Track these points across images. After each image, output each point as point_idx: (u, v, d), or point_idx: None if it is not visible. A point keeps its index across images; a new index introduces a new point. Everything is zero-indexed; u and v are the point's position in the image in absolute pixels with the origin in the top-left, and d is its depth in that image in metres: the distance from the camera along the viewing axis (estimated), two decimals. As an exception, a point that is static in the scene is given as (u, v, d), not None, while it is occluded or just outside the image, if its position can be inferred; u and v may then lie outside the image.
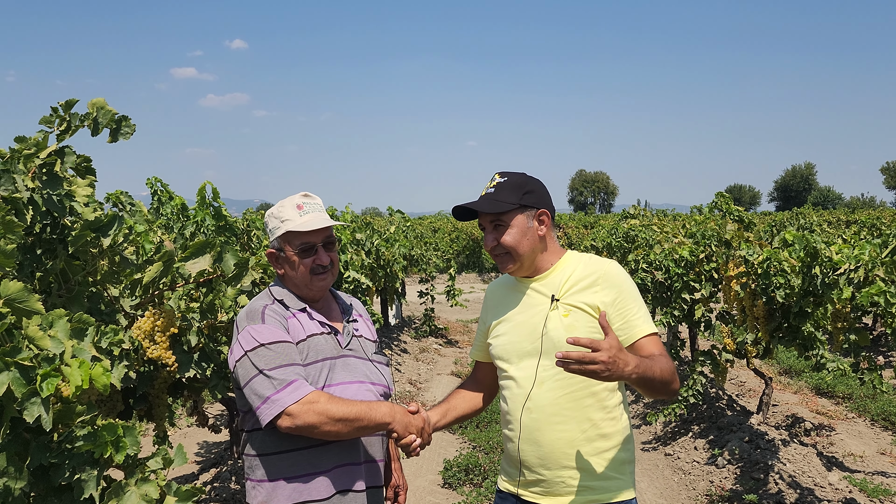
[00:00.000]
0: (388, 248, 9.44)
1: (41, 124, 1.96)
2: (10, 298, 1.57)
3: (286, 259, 2.25)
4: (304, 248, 2.22)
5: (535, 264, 2.32)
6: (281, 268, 2.29)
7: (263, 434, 2.14)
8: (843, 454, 5.96)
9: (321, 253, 2.25)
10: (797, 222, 19.27)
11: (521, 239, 2.25)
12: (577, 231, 25.61)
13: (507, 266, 2.31)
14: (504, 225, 2.26)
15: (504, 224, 2.26)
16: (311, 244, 2.23)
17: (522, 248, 2.26)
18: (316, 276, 2.24)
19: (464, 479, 5.56)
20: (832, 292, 3.96)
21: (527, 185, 2.28)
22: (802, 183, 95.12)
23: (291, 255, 2.23)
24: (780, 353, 9.23)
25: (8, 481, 1.57)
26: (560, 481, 2.22)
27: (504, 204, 2.24)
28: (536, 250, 2.29)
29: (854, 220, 21.04)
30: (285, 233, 2.23)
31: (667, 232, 7.67)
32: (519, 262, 2.29)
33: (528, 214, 2.27)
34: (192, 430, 6.96)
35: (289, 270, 2.26)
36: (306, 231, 2.21)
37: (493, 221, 2.28)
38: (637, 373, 1.98)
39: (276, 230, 2.25)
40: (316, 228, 2.22)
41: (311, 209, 2.26)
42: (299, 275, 2.24)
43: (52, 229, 2.08)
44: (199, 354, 2.68)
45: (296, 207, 2.24)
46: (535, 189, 2.30)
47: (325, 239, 2.27)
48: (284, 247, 2.25)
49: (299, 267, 2.23)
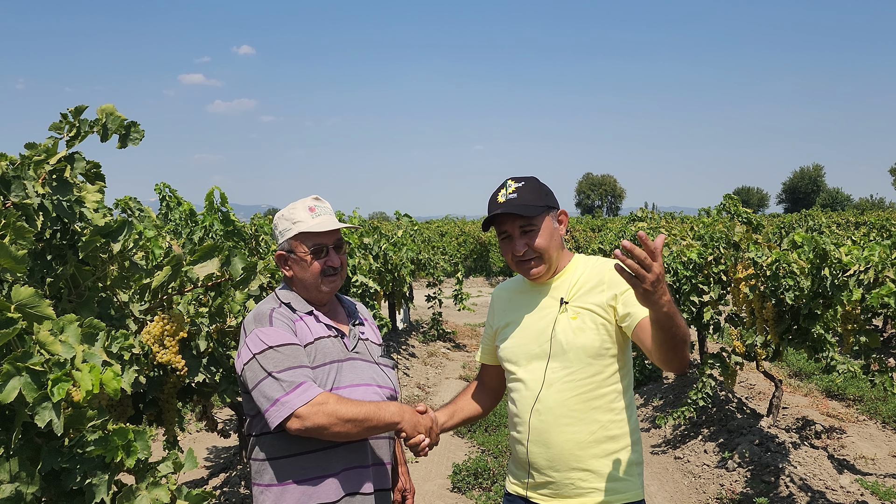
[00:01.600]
0: (396, 252, 9.45)
1: (51, 130, 1.97)
2: (22, 304, 1.58)
3: (296, 260, 2.26)
4: (317, 248, 2.23)
5: (556, 265, 2.32)
6: (290, 270, 2.29)
7: (272, 437, 2.14)
8: (854, 457, 5.92)
9: (332, 254, 2.26)
10: (806, 224, 19.20)
11: (550, 241, 2.26)
12: (584, 234, 25.57)
13: (536, 270, 2.27)
14: (535, 229, 2.25)
15: (535, 228, 2.25)
16: (323, 245, 2.24)
17: (552, 249, 2.27)
18: (326, 277, 2.25)
19: (473, 483, 5.55)
20: (842, 294, 3.95)
21: (543, 187, 2.31)
22: (811, 185, 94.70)
23: (303, 256, 2.24)
24: (789, 356, 9.19)
25: (20, 486, 1.58)
26: (569, 483, 2.22)
27: (535, 208, 2.24)
28: (559, 251, 2.30)
29: (863, 221, 20.93)
30: (298, 234, 2.23)
31: (675, 234, 7.65)
32: (548, 264, 2.28)
33: (552, 216, 2.29)
34: (201, 435, 6.98)
35: (298, 272, 2.26)
36: (319, 232, 2.22)
37: (522, 227, 2.25)
38: (669, 308, 1.88)
39: (286, 232, 2.26)
40: (329, 230, 2.23)
41: (323, 212, 2.28)
42: (309, 275, 2.24)
43: (62, 235, 2.09)
44: (208, 359, 2.68)
45: (308, 210, 2.26)
46: (550, 191, 2.33)
47: (336, 241, 2.28)
48: (296, 248, 2.25)
49: (310, 267, 2.23)
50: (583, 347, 2.19)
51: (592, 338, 2.20)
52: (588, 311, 2.21)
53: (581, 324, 2.20)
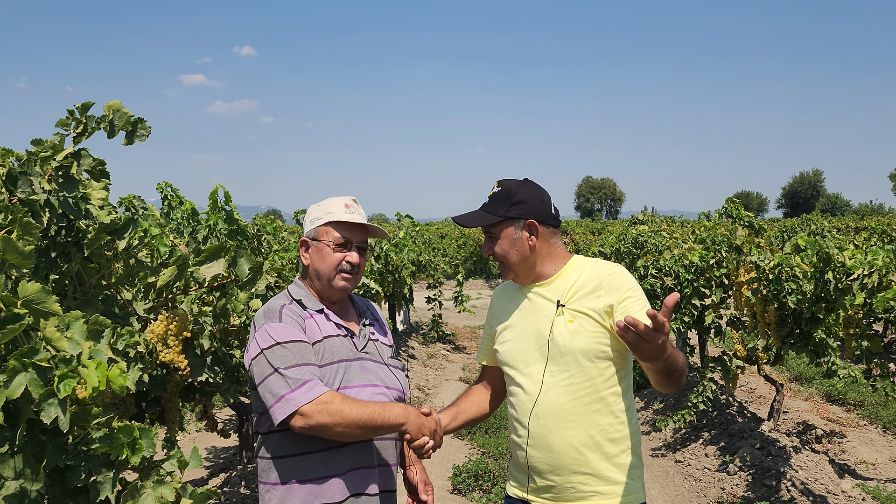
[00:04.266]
0: (397, 253, 9.44)
1: (57, 127, 1.96)
2: (28, 300, 1.57)
3: (318, 248, 2.27)
4: (342, 242, 2.25)
5: (536, 272, 2.32)
6: (308, 258, 2.30)
7: (279, 436, 2.14)
8: (855, 461, 5.91)
9: (354, 252, 2.27)
10: (808, 228, 19.20)
11: (510, 249, 2.28)
12: (584, 237, 25.57)
13: (504, 274, 2.35)
14: (495, 236, 2.30)
15: (494, 235, 2.30)
16: (348, 240, 2.26)
17: (512, 257, 2.29)
18: (342, 273, 2.25)
19: (473, 486, 5.54)
20: (845, 298, 3.94)
21: (517, 194, 2.28)
22: (810, 189, 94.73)
23: (326, 244, 2.25)
24: (790, 360, 9.19)
25: (24, 483, 1.57)
26: (570, 487, 2.21)
27: (490, 217, 2.28)
28: (529, 259, 2.29)
29: (863, 226, 20.93)
30: (328, 222, 2.26)
31: (676, 238, 7.65)
32: (513, 272, 2.33)
33: (516, 226, 2.27)
34: (200, 435, 6.96)
35: (316, 261, 2.27)
36: (348, 223, 2.25)
37: (486, 232, 2.33)
38: (668, 358, 1.94)
39: (317, 220, 2.28)
40: (358, 223, 2.26)
41: (356, 212, 2.31)
42: (326, 266, 2.25)
43: (67, 232, 2.08)
44: (211, 358, 2.68)
45: (343, 206, 2.28)
46: (526, 199, 2.28)
47: (361, 242, 2.30)
48: (321, 235, 2.27)
49: (329, 257, 2.24)
50: (580, 351, 2.18)
51: (590, 341, 2.19)
52: (585, 315, 2.20)
53: (578, 327, 2.20)
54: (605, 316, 2.20)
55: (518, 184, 2.32)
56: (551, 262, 2.32)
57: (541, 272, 2.31)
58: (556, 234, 2.34)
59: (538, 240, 2.28)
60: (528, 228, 2.28)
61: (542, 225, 2.29)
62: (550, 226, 2.32)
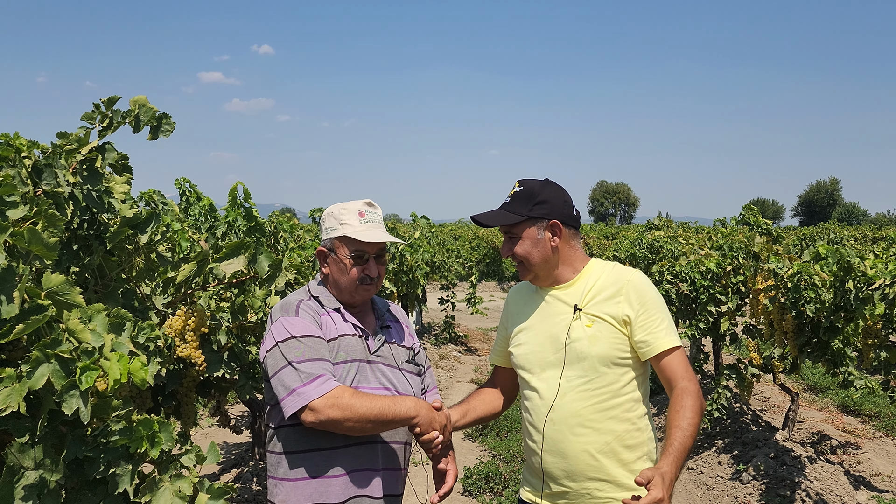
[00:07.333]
0: (412, 253, 9.44)
1: (83, 120, 1.97)
2: (52, 291, 1.58)
3: (336, 261, 2.24)
4: (357, 255, 2.21)
5: (555, 274, 2.29)
6: (327, 267, 2.28)
7: (288, 431, 2.14)
8: (870, 473, 5.84)
9: (371, 264, 2.24)
10: (826, 237, 19.03)
11: (532, 250, 2.25)
12: (598, 242, 25.48)
13: (522, 275, 2.33)
14: (516, 236, 2.27)
15: (516, 236, 2.27)
16: (364, 252, 2.22)
17: (534, 258, 2.26)
18: (362, 285, 2.23)
19: (484, 488, 5.52)
20: (865, 307, 3.90)
21: (540, 194, 2.25)
22: (827, 198, 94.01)
23: (343, 258, 2.22)
24: (805, 370, 9.10)
25: (44, 473, 1.58)
26: (586, 493, 2.20)
27: (513, 216, 2.25)
28: (550, 261, 2.27)
29: (881, 236, 20.73)
30: (341, 236, 2.22)
31: (692, 244, 7.60)
32: (533, 273, 2.29)
33: (539, 226, 2.24)
34: (213, 431, 6.99)
35: (335, 273, 2.25)
36: (362, 241, 2.20)
37: (506, 232, 2.29)
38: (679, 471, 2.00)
39: (331, 230, 2.24)
40: (372, 241, 2.21)
41: (372, 219, 2.25)
42: (346, 280, 2.22)
43: (89, 225, 2.09)
44: (227, 354, 2.68)
45: (357, 214, 2.23)
46: (549, 199, 2.26)
47: (379, 251, 2.26)
48: (337, 248, 2.24)
49: (349, 272, 2.21)
50: (598, 356, 2.17)
51: (608, 346, 2.17)
52: (603, 320, 2.18)
53: (596, 332, 2.17)
54: (623, 324, 2.18)
55: (540, 184, 2.29)
56: (571, 265, 2.29)
57: (560, 274, 2.29)
58: (576, 235, 2.32)
59: (560, 241, 2.27)
60: (551, 229, 2.25)
61: (564, 226, 2.26)
62: (572, 227, 2.30)
